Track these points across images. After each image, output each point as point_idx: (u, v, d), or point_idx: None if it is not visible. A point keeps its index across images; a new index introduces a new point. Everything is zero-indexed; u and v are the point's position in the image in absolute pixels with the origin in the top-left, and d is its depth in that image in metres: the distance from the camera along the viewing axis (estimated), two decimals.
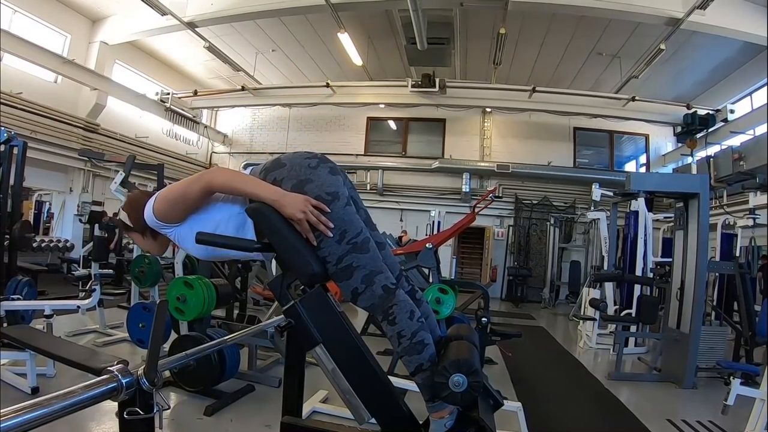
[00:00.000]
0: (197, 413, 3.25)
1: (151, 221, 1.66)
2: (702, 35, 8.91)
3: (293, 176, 1.61)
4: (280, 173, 1.63)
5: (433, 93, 12.18)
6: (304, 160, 1.66)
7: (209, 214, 1.66)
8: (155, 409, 1.18)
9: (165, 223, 1.65)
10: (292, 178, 1.61)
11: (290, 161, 1.66)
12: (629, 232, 7.57)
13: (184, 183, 1.63)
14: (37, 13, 9.64)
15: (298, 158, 1.67)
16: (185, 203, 1.61)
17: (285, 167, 1.64)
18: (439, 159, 13.88)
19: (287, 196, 1.55)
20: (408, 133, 14.89)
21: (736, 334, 5.47)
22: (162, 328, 1.22)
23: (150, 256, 4.85)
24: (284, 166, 1.64)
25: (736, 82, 11.07)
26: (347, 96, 13.06)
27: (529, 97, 12.04)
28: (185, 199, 1.61)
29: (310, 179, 1.60)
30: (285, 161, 1.66)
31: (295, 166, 1.64)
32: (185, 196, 1.60)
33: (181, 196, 1.61)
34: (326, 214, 1.56)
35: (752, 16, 8.19)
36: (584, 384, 4.96)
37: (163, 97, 12.96)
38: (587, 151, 14.44)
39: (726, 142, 9.98)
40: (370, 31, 10.86)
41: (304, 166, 1.63)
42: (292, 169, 1.63)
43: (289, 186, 1.59)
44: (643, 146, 14.12)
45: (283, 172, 1.63)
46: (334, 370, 1.60)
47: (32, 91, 9.31)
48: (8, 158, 4.77)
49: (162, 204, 1.63)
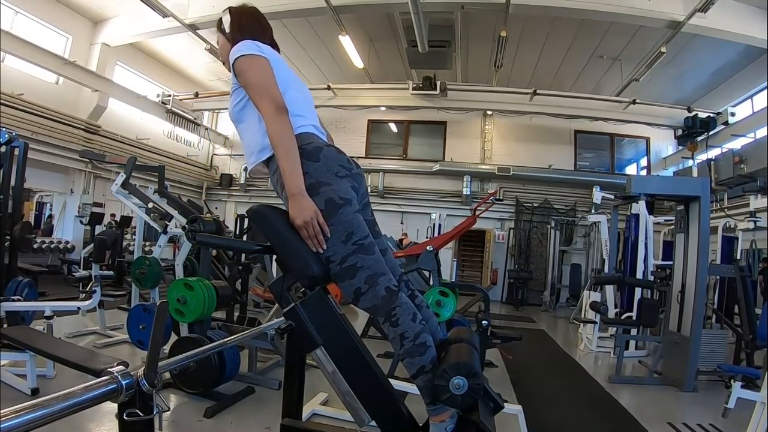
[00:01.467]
0: (197, 415, 3.24)
1: (232, 57, 1.73)
2: (703, 38, 8.92)
3: (317, 176, 1.63)
4: (310, 166, 1.64)
5: (434, 95, 12.21)
6: (337, 166, 1.68)
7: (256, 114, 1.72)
8: (155, 410, 1.18)
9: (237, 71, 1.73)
10: (315, 177, 1.63)
11: (326, 160, 1.67)
12: (630, 235, 7.55)
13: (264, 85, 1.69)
14: (39, 15, 9.67)
15: (334, 162, 1.69)
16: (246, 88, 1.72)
17: (318, 163, 1.66)
18: (440, 162, 13.89)
19: (301, 200, 1.56)
20: (409, 135, 14.91)
21: (736, 337, 5.46)
22: (162, 329, 1.22)
23: (150, 258, 4.84)
24: (318, 161, 1.66)
25: (737, 86, 11.08)
26: (348, 98, 13.10)
27: (530, 100, 12.06)
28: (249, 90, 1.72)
29: (330, 184, 1.62)
30: (322, 157, 1.67)
31: (323, 168, 1.65)
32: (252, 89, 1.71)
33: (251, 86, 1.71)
34: (335, 217, 1.59)
35: (753, 19, 8.20)
36: (584, 387, 4.95)
37: (164, 99, 12.99)
38: (588, 154, 14.45)
39: (727, 145, 10.01)
40: (372, 33, 10.88)
41: (333, 172, 1.66)
42: (320, 169, 1.65)
43: (308, 182, 1.61)
44: (643, 149, 14.13)
45: (312, 166, 1.64)
46: (334, 373, 1.61)
47: (33, 92, 9.32)
48: (9, 159, 4.76)
49: (242, 66, 1.71)
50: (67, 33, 10.37)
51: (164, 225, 4.90)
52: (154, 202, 4.95)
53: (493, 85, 12.07)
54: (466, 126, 14.42)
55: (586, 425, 3.84)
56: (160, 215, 4.96)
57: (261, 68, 1.71)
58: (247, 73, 1.70)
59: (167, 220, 4.93)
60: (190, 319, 3.70)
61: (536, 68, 12.04)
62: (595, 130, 13.70)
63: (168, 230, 4.84)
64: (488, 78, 12.07)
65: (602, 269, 8.36)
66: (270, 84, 1.69)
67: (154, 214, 4.98)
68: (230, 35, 1.85)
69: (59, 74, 9.95)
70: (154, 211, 4.97)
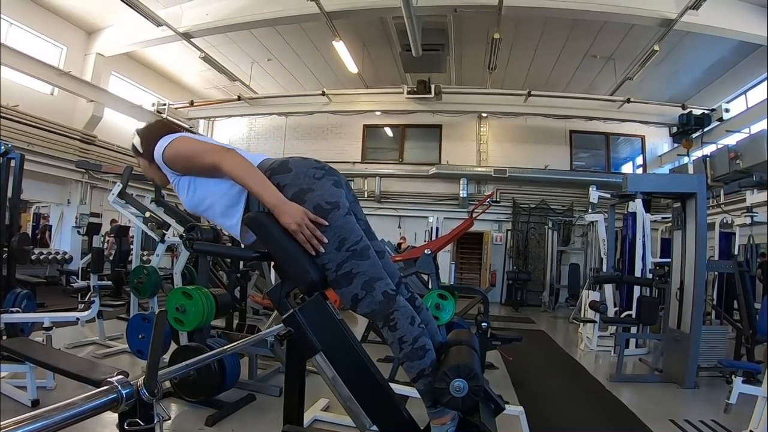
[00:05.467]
0: (198, 423, 3.24)
1: (158, 158, 1.70)
2: (695, 35, 8.97)
3: (296, 184, 1.62)
4: (285, 178, 1.63)
5: (429, 99, 12.23)
6: (310, 169, 1.66)
7: (208, 183, 1.69)
8: (156, 419, 1.18)
9: (169, 167, 1.70)
10: (295, 186, 1.61)
11: (296, 168, 1.66)
12: (627, 234, 7.57)
13: (200, 147, 1.67)
14: (33, 26, 9.68)
15: (305, 167, 1.67)
16: (191, 165, 1.67)
17: (290, 173, 1.65)
18: (436, 165, 13.88)
19: (287, 205, 1.55)
20: (405, 139, 14.92)
21: (736, 332, 5.47)
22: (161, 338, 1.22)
23: (149, 267, 4.84)
24: (290, 171, 1.65)
25: (731, 81, 11.12)
26: (343, 104, 13.09)
27: (524, 101, 12.08)
28: (193, 162, 1.66)
29: (312, 189, 1.61)
30: (291, 167, 1.66)
31: (300, 174, 1.64)
32: (194, 160, 1.66)
33: (191, 157, 1.66)
34: (323, 225, 1.57)
35: (745, 15, 8.25)
36: (586, 386, 4.96)
37: (159, 108, 12.95)
38: (584, 153, 14.48)
39: (722, 142, 10.03)
40: (365, 38, 10.90)
41: (309, 175, 1.64)
42: (296, 177, 1.63)
43: (291, 193, 1.60)
44: (639, 147, 14.17)
45: (287, 177, 1.64)
46: (334, 378, 1.60)
47: (29, 104, 9.32)
48: (5, 171, 4.76)
49: (172, 152, 1.67)
50: (61, 44, 10.37)
51: (162, 234, 4.90)
52: (151, 211, 4.96)
53: (488, 88, 12.08)
54: (461, 129, 14.44)
55: (588, 424, 3.84)
56: (157, 224, 4.97)
57: (184, 141, 1.69)
58: (176, 155, 1.67)
59: (165, 229, 4.93)
60: (190, 328, 3.70)
61: (530, 69, 12.06)
62: (590, 129, 13.71)
63: (166, 239, 4.84)
64: (482, 80, 12.08)
65: (601, 268, 8.37)
66: (201, 143, 1.69)
67: (152, 224, 4.98)
68: (146, 153, 1.80)
69: (54, 85, 9.95)
70: (152, 220, 4.97)
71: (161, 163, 1.70)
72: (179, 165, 1.69)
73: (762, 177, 6.78)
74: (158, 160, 1.71)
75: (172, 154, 1.67)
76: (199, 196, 1.71)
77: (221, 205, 1.69)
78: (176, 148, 1.67)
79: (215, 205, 1.70)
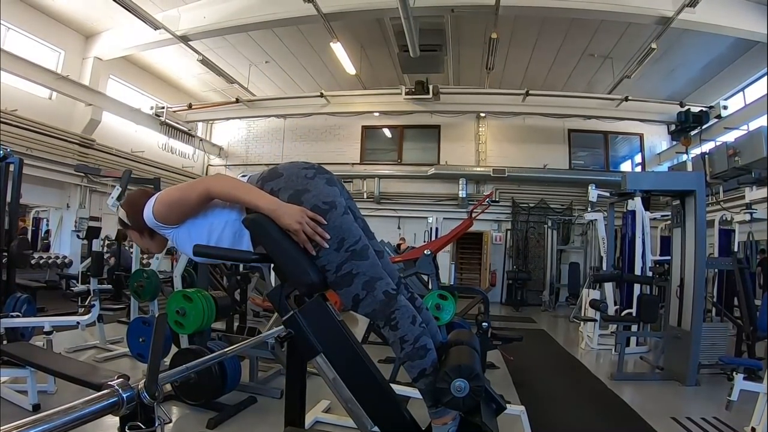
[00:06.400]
0: (199, 426, 3.23)
1: (150, 222, 1.67)
2: (693, 33, 8.97)
3: (290, 187, 1.62)
4: (277, 183, 1.63)
5: (427, 100, 12.23)
6: (300, 170, 1.67)
7: (207, 219, 1.67)
8: (156, 422, 1.18)
9: (163, 224, 1.66)
10: (289, 189, 1.61)
11: (287, 171, 1.66)
12: (627, 232, 7.57)
13: (183, 187, 1.65)
14: (31, 30, 9.67)
15: (295, 168, 1.68)
16: (183, 207, 1.63)
17: (282, 177, 1.65)
18: (435, 165, 13.89)
19: (284, 207, 1.55)
20: (403, 140, 14.93)
21: (737, 329, 5.48)
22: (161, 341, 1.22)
23: (148, 271, 4.84)
24: (281, 176, 1.65)
25: (729, 79, 11.13)
26: (341, 105, 13.09)
27: (522, 101, 12.07)
28: (183, 204, 1.63)
29: (307, 189, 1.61)
30: (282, 171, 1.67)
31: (292, 176, 1.64)
32: (184, 200, 1.62)
33: (180, 200, 1.63)
34: (323, 224, 1.56)
35: (742, 12, 8.26)
36: (587, 385, 4.95)
37: (157, 111, 12.96)
38: (582, 152, 14.49)
39: (720, 139, 10.03)
40: (363, 40, 10.90)
41: (300, 176, 1.64)
42: (289, 180, 1.63)
43: (286, 196, 1.60)
44: (637, 146, 14.19)
45: (280, 182, 1.64)
46: (335, 380, 1.60)
47: (27, 108, 9.30)
48: (4, 175, 4.76)
49: (161, 206, 1.64)
50: (59, 48, 10.36)
51: None
52: None
53: (486, 88, 12.09)
54: (460, 129, 14.45)
55: (590, 423, 3.84)
56: None
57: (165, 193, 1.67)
58: (166, 207, 1.64)
59: None
60: (190, 331, 3.70)
61: (528, 69, 12.07)
62: (589, 128, 13.73)
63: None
64: (480, 80, 12.10)
65: (601, 267, 8.36)
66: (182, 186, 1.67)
67: None
68: (135, 224, 1.79)
69: (52, 89, 9.94)
70: None
71: (155, 224, 1.67)
72: (174, 214, 1.64)
73: (761, 174, 6.79)
74: (151, 222, 1.67)
75: (163, 208, 1.64)
76: (203, 236, 1.68)
77: (228, 235, 1.68)
78: (163, 201, 1.65)
79: (222, 238, 1.68)
